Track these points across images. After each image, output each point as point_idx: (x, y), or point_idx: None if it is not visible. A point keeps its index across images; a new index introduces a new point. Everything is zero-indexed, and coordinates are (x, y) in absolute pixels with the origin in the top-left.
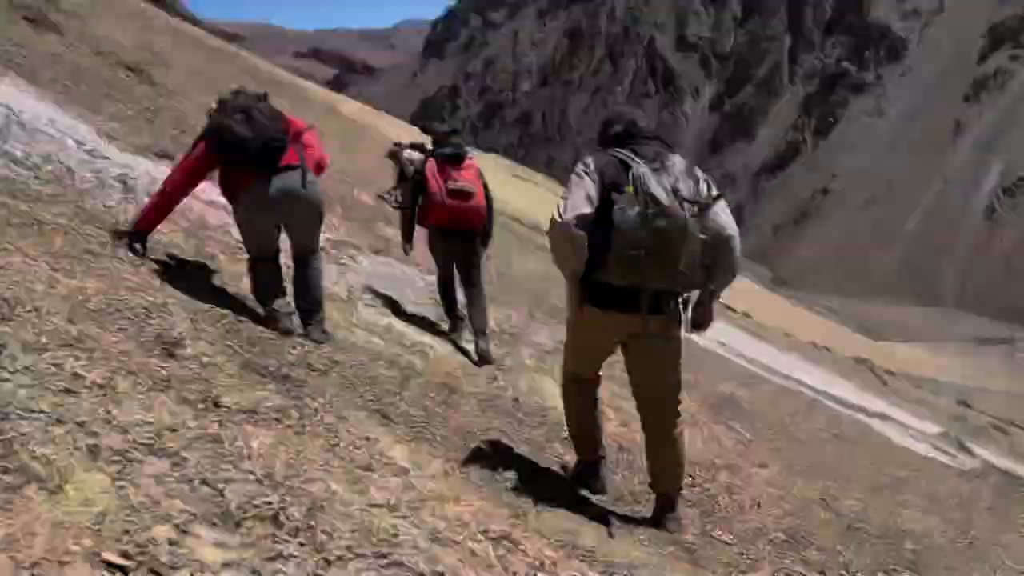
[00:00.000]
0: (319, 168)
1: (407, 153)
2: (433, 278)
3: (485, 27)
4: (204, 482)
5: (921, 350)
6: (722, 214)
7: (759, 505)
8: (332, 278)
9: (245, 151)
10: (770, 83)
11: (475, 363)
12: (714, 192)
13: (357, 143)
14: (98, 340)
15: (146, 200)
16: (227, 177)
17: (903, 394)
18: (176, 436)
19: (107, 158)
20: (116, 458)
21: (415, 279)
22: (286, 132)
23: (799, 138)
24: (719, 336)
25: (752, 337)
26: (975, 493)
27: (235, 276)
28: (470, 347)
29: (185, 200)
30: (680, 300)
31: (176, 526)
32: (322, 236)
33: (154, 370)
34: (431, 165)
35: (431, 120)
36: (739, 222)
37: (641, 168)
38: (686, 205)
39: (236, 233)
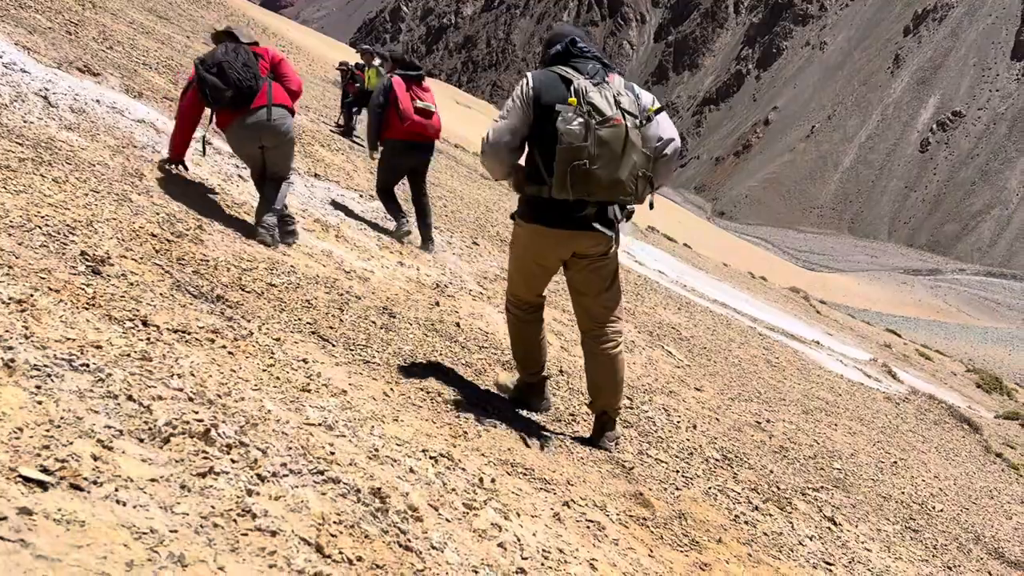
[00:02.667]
0: (295, 96)
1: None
2: (374, 203)
3: None
4: (130, 398)
5: (853, 280)
6: (664, 122)
7: (695, 426)
8: None
9: (222, 99)
10: (715, 13)
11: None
12: (656, 104)
13: (294, 65)
14: (17, 256)
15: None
16: (216, 114)
17: (835, 322)
18: (100, 353)
19: (26, 72)
20: (34, 373)
21: (354, 203)
22: (258, 75)
23: (743, 69)
24: (659, 265)
25: (691, 266)
26: (900, 416)
27: (164, 196)
28: (416, 244)
29: (111, 117)
30: (623, 212)
31: (99, 441)
32: None
33: (78, 288)
34: (399, 83)
35: (375, 43)
36: (681, 154)
37: (583, 81)
38: (628, 116)
39: (165, 152)
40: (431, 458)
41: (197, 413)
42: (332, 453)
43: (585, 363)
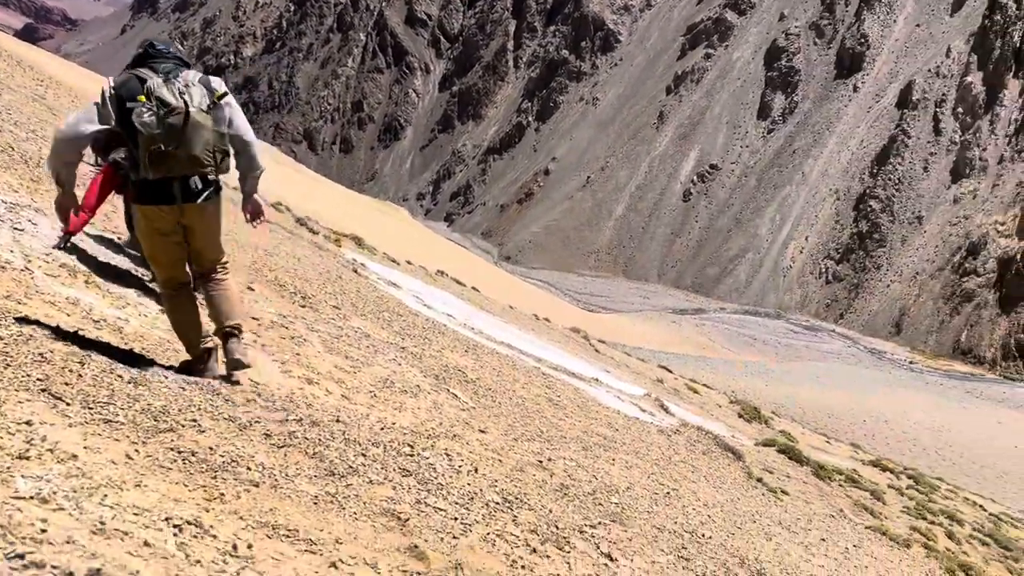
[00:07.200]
0: None
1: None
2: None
3: None
4: None
5: (628, 320)
6: (237, 118)
7: (476, 470)
8: (6, 244)
9: None
10: (496, 67)
11: None
12: (221, 92)
13: (52, 99)
14: None
15: None
16: None
17: (612, 360)
18: None
19: None
20: None
21: (112, 246)
22: None
23: (523, 121)
24: (448, 309)
25: (479, 309)
26: (672, 448)
27: None
28: None
29: None
30: (210, 182)
31: None
32: None
33: None
34: None
35: None
36: (468, 201)
37: (154, 80)
38: (193, 103)
39: None
40: (175, 527)
41: None
42: (43, 531)
43: (207, 305)
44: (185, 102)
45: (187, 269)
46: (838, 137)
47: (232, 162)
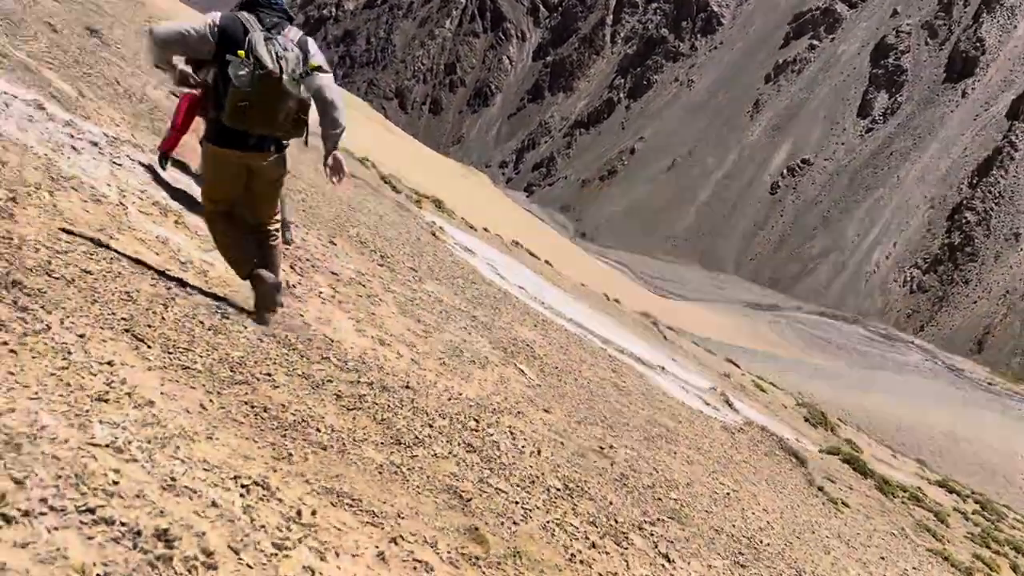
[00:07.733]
0: None
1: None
2: None
3: None
4: None
5: (701, 309)
6: (325, 86)
7: (539, 452)
8: (103, 178)
9: None
10: (593, 40)
11: None
12: (315, 64)
13: None
14: None
15: None
16: None
17: (680, 349)
18: None
19: None
20: None
21: None
22: None
23: (614, 97)
24: (520, 280)
25: (550, 284)
26: (735, 446)
27: None
28: None
29: None
30: (281, 142)
31: None
32: (97, 130)
33: None
34: None
35: None
36: (550, 173)
37: (256, 34)
38: (287, 69)
39: None
40: (242, 487)
41: None
42: (115, 483)
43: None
44: (281, 68)
45: (234, 198)
46: (940, 143)
47: (313, 119)
